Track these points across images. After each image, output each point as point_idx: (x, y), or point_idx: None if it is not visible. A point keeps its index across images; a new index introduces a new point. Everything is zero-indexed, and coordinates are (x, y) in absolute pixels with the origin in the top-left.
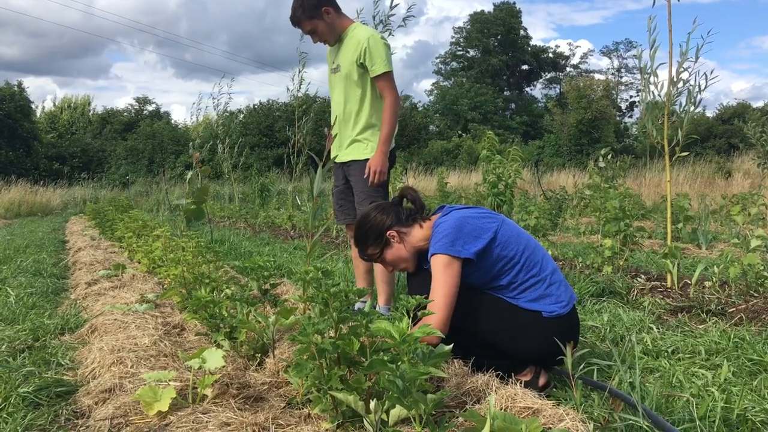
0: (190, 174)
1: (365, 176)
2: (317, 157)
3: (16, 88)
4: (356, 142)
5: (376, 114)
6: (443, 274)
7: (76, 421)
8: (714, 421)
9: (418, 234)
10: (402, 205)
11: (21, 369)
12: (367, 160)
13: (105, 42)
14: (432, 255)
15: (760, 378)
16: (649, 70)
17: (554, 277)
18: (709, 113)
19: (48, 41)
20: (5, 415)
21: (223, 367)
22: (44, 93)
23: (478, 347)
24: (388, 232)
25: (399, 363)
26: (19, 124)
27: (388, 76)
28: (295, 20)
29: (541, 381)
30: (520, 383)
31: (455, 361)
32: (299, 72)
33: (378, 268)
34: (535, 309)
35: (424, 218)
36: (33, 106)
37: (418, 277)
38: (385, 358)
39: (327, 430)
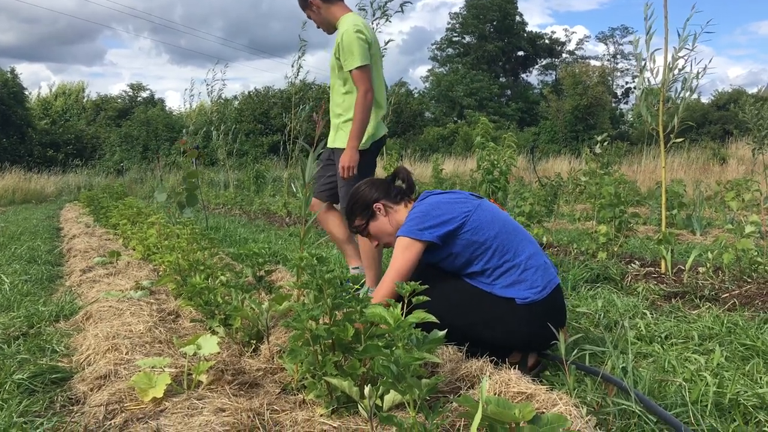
0: (179, 159)
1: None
2: (311, 144)
3: (9, 75)
4: (341, 130)
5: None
6: (401, 255)
7: (71, 408)
8: (706, 406)
9: (402, 214)
10: (394, 183)
11: (16, 356)
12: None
13: (99, 28)
14: (396, 236)
15: (753, 363)
16: (645, 57)
17: (530, 262)
18: (705, 99)
19: (42, 27)
20: (0, 402)
21: (218, 353)
22: (38, 79)
23: (462, 337)
24: (375, 204)
25: (393, 348)
26: (13, 110)
27: (359, 70)
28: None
29: (530, 361)
30: (514, 367)
31: (449, 346)
32: (298, 58)
33: (364, 252)
34: (509, 296)
35: (410, 200)
36: (26, 93)
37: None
38: (380, 343)
39: (322, 415)
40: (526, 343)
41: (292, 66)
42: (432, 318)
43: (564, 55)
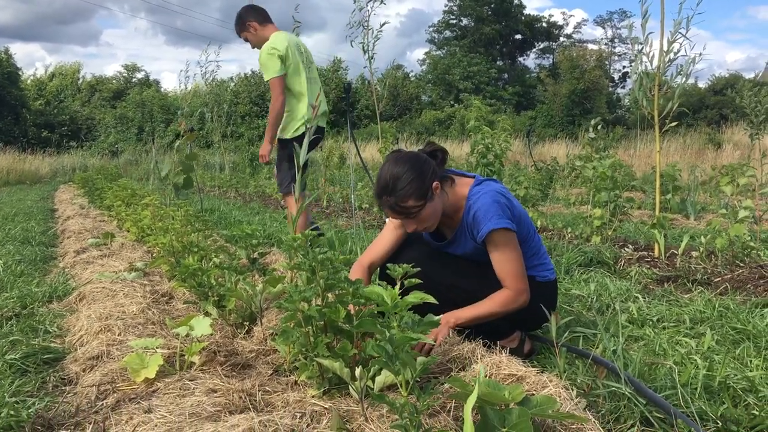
0: (178, 143)
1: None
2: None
3: (3, 55)
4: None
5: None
6: (513, 247)
7: (63, 388)
8: (696, 388)
9: (454, 195)
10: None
11: (8, 336)
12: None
13: (95, 8)
14: (494, 229)
15: (743, 346)
16: (641, 41)
17: (542, 246)
18: (702, 84)
19: (37, 6)
20: None
21: (211, 334)
22: (33, 60)
23: None
24: (433, 184)
25: (388, 328)
26: (7, 91)
27: (270, 82)
28: (236, 32)
29: (526, 348)
30: (506, 350)
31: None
32: None
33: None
34: (530, 274)
35: (451, 180)
36: (20, 73)
37: (413, 248)
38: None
39: (313, 396)
40: (535, 321)
41: None
42: (431, 299)
43: (561, 39)
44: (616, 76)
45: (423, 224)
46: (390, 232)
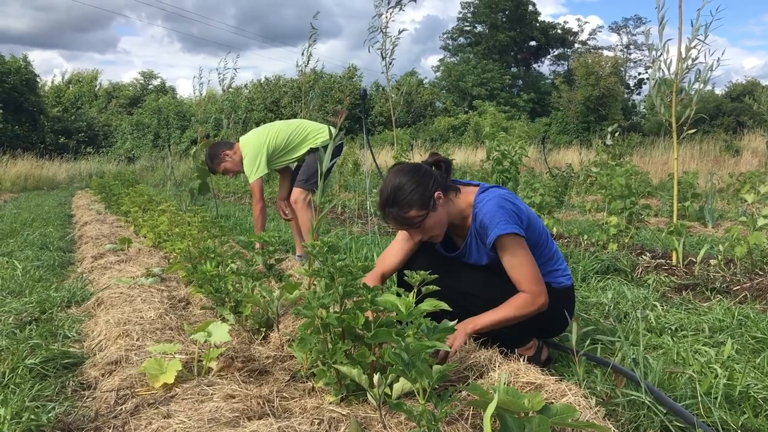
0: (195, 149)
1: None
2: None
3: (21, 62)
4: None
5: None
6: (523, 251)
7: (82, 392)
8: (716, 398)
9: (458, 203)
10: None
11: (28, 341)
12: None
13: (112, 16)
14: (501, 235)
15: (764, 355)
16: (658, 47)
17: (558, 252)
18: (719, 90)
19: (55, 14)
20: (12, 386)
21: (228, 341)
22: (51, 66)
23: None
24: (435, 194)
25: (405, 335)
26: (25, 97)
27: (251, 184)
28: (211, 172)
29: (544, 356)
30: (523, 358)
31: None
32: (308, 47)
33: (301, 219)
34: (546, 281)
35: (456, 189)
36: (39, 80)
37: (424, 257)
38: (391, 331)
39: (331, 403)
40: (551, 327)
41: (303, 54)
42: (444, 306)
43: (576, 45)
44: (631, 83)
45: (428, 234)
46: (400, 242)
